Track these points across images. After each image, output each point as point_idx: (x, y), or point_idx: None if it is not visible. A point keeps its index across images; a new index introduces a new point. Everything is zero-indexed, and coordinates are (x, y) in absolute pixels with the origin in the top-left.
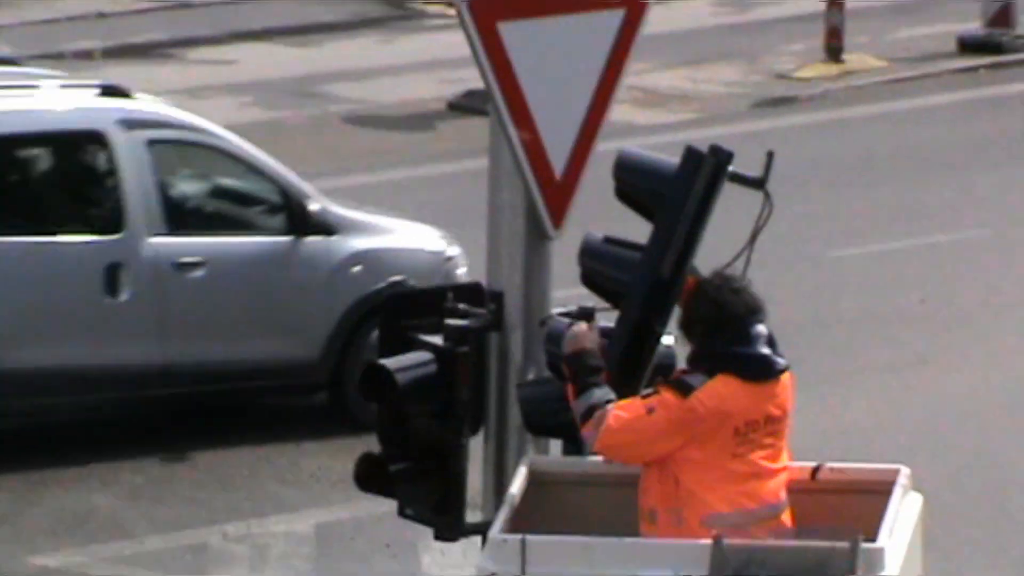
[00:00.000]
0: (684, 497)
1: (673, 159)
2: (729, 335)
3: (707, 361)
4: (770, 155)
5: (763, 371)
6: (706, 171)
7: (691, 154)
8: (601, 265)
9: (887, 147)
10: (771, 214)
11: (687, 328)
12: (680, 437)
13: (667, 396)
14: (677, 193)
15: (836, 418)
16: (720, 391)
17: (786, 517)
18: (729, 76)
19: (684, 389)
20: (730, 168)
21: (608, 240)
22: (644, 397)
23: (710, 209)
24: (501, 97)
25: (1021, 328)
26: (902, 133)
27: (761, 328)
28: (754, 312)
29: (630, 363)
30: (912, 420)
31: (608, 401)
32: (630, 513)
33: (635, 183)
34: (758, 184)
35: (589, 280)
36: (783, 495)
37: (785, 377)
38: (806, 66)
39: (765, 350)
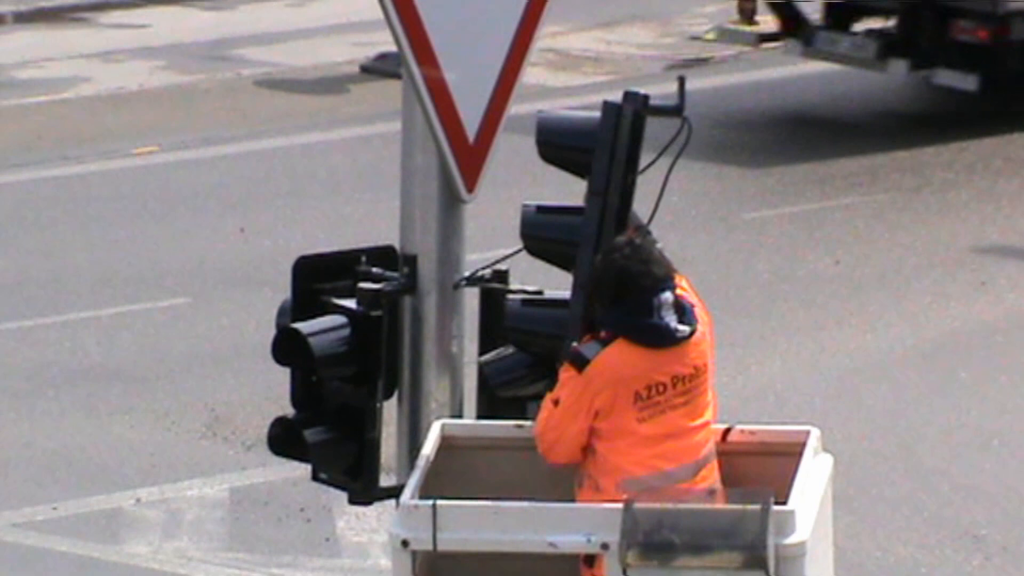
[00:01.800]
0: (600, 464)
1: (592, 114)
2: (631, 305)
3: (609, 327)
4: (681, 80)
5: (661, 340)
6: (627, 119)
7: (610, 107)
8: (544, 234)
9: (799, 109)
10: (689, 139)
11: (595, 293)
12: (588, 413)
13: (565, 376)
14: (604, 147)
15: (751, 380)
16: (614, 359)
17: (708, 471)
18: (643, 38)
19: (580, 363)
20: (648, 101)
21: (543, 209)
22: (551, 389)
23: (638, 155)
24: (414, 60)
25: (935, 289)
26: (814, 95)
27: (666, 296)
28: (661, 281)
29: (589, 323)
30: (827, 381)
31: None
32: (542, 478)
33: (560, 144)
34: (677, 111)
35: (536, 252)
36: (706, 450)
37: (697, 336)
38: (719, 28)
39: (669, 319)
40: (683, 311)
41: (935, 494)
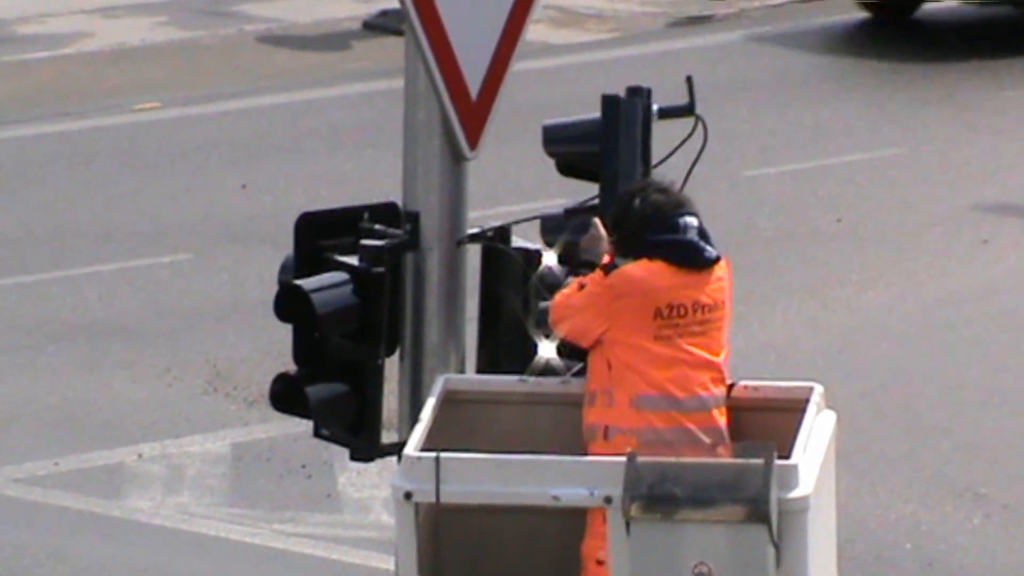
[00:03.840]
0: (615, 378)
1: (594, 115)
2: (656, 226)
3: (636, 251)
4: (689, 80)
5: (689, 257)
6: (629, 114)
7: (609, 101)
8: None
9: (802, 66)
10: (707, 137)
11: (617, 228)
12: (604, 316)
13: (595, 275)
14: (609, 144)
15: (752, 337)
16: (640, 271)
17: (718, 414)
18: None
19: (608, 269)
20: (656, 106)
21: (570, 212)
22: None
23: (650, 148)
24: (417, 16)
25: (936, 246)
26: (817, 52)
27: (691, 219)
28: (682, 205)
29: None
30: (828, 339)
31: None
32: (546, 432)
33: (570, 151)
34: (689, 111)
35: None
36: (716, 390)
37: (720, 269)
38: None
39: (696, 239)
40: (707, 235)
41: (936, 452)
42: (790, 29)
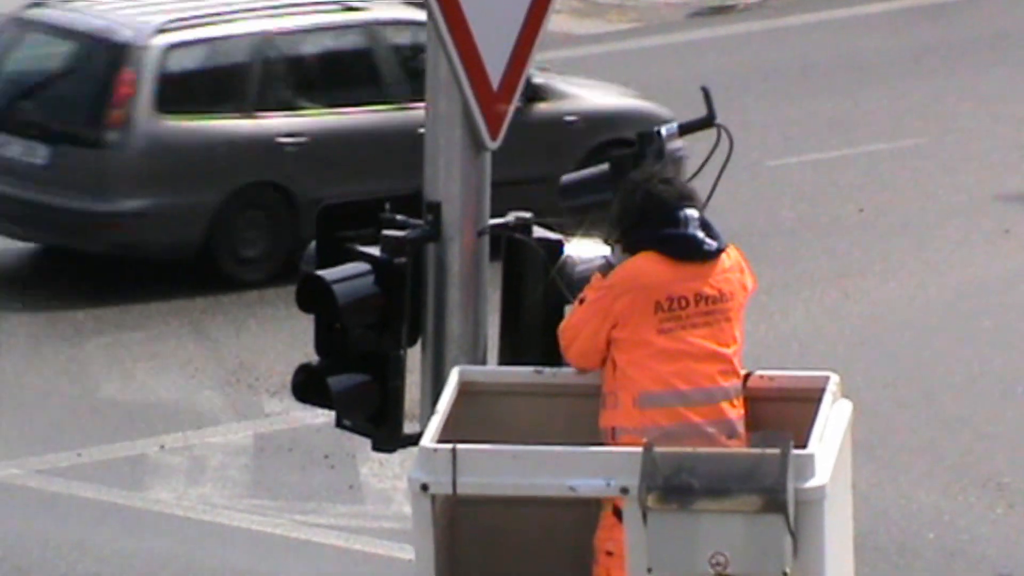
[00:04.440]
0: (620, 379)
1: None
2: (656, 220)
3: (635, 246)
4: (705, 91)
5: (687, 250)
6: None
7: (616, 162)
8: None
9: (825, 56)
10: (733, 146)
11: (619, 221)
12: (608, 318)
13: (593, 279)
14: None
15: (774, 327)
16: (637, 265)
17: (728, 406)
18: None
19: (605, 269)
20: (676, 124)
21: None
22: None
23: None
24: (438, 7)
25: (958, 237)
26: (840, 42)
27: (692, 212)
28: (683, 198)
29: None
30: (850, 329)
31: None
32: (562, 423)
33: (585, 203)
34: (709, 122)
35: None
36: (725, 382)
37: (726, 260)
38: None
39: (695, 232)
40: (710, 228)
41: (958, 442)
42: (811, 19)
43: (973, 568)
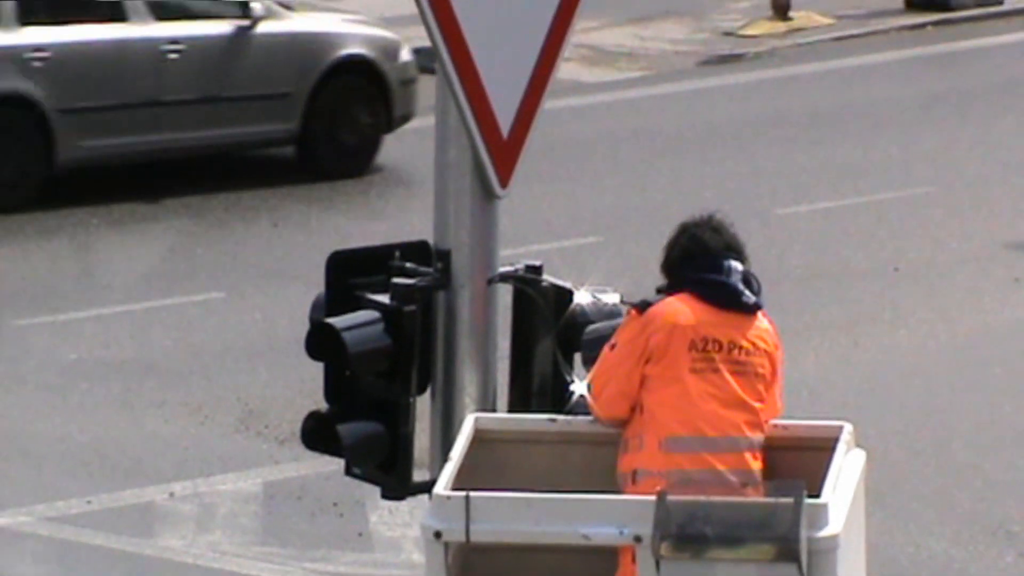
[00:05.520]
0: (647, 421)
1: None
2: (700, 265)
3: (675, 287)
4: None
5: (724, 297)
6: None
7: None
8: None
9: (834, 104)
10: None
11: (667, 264)
12: (642, 354)
13: (626, 319)
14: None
15: (784, 375)
16: (674, 304)
17: (751, 457)
18: (676, 34)
19: (643, 306)
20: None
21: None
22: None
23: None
24: (448, 55)
25: (968, 284)
26: (849, 90)
27: (736, 264)
28: (731, 248)
29: None
30: (860, 376)
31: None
32: (575, 471)
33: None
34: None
35: None
36: (751, 433)
37: (763, 320)
38: (753, 23)
39: (736, 282)
40: (751, 283)
41: (968, 490)
42: (821, 68)
43: None
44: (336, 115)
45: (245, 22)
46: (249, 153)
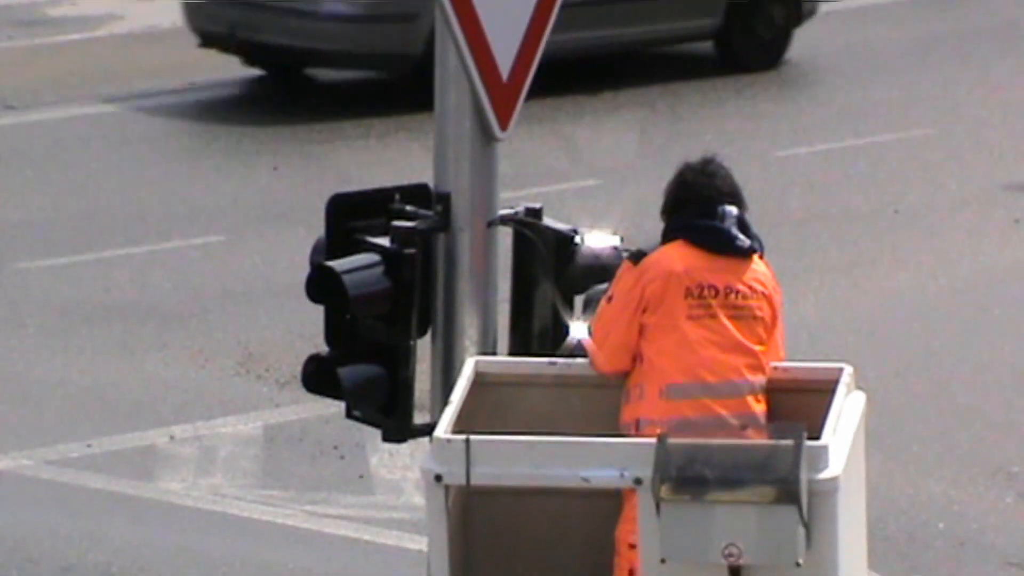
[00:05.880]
0: (647, 370)
1: None
2: (694, 211)
3: (669, 234)
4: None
5: (717, 242)
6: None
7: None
8: None
9: (833, 47)
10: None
11: (665, 209)
12: (638, 304)
13: (621, 271)
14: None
15: (784, 318)
16: (668, 252)
17: (753, 400)
18: None
19: (636, 257)
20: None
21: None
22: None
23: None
24: None
25: (968, 227)
26: (849, 32)
27: (731, 209)
28: (724, 194)
29: None
30: (860, 319)
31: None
32: (575, 415)
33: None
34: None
35: None
36: (752, 376)
37: (758, 264)
38: None
39: (729, 227)
40: (747, 228)
41: (968, 431)
42: (820, 10)
43: (982, 558)
44: (752, 11)
45: None
46: (251, 92)
